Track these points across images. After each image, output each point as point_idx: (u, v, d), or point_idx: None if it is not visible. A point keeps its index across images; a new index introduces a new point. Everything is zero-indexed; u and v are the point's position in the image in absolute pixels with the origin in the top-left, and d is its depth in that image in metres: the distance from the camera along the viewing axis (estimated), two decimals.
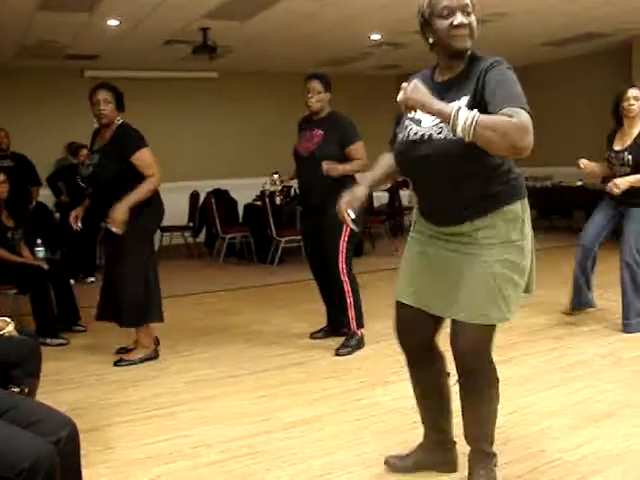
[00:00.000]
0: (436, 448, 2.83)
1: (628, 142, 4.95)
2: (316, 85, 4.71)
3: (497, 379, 2.56)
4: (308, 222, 5.06)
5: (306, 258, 5.18)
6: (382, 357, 4.52)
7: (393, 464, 2.88)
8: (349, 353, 4.69)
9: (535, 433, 3.22)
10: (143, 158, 4.46)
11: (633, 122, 4.95)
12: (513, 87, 2.24)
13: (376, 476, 2.88)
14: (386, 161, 2.78)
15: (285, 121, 12.02)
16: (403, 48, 10.14)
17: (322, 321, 5.11)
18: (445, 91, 2.38)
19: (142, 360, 4.64)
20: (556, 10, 8.35)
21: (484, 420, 2.58)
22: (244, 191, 10.17)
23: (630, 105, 4.89)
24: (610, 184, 4.84)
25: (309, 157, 4.77)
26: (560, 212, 11.62)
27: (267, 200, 8.67)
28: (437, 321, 2.62)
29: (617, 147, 5.02)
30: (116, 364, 4.61)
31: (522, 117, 2.09)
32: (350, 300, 4.71)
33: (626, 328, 4.98)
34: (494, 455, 2.64)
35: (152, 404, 3.85)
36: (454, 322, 2.47)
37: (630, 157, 4.89)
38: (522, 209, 2.45)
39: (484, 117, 2.11)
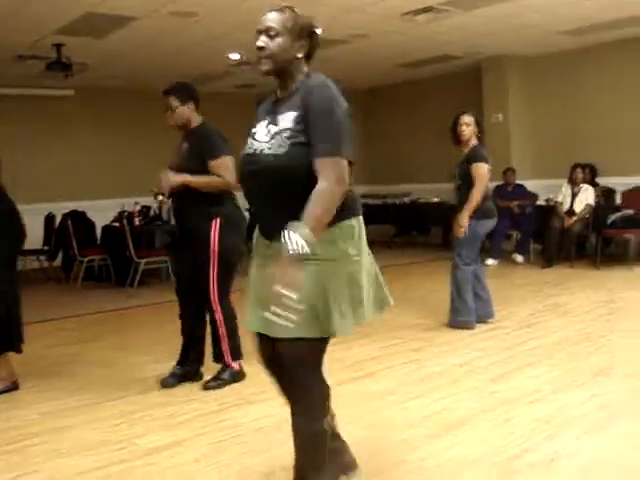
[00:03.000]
0: (337, 453, 2.71)
1: (461, 159, 5.58)
2: (171, 101, 4.30)
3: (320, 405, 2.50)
4: (182, 246, 4.47)
5: (174, 281, 4.71)
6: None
7: None
8: (219, 387, 4.32)
9: (396, 444, 3.27)
10: None
11: (467, 143, 5.55)
12: (333, 129, 2.28)
13: None
14: None
15: (144, 140, 11.86)
16: None
17: (180, 342, 4.96)
18: (278, 107, 2.45)
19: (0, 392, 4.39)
20: (410, 33, 8.68)
21: (300, 447, 2.54)
22: (102, 212, 9.89)
23: (462, 130, 5.50)
24: (456, 232, 5.48)
25: (177, 173, 4.24)
26: (418, 228, 12.00)
27: (125, 221, 8.45)
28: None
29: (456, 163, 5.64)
30: None
31: (326, 184, 2.21)
32: (223, 330, 4.33)
33: (449, 323, 5.62)
34: None
35: (0, 439, 3.61)
36: None
37: (458, 171, 5.56)
38: (355, 225, 2.41)
39: (312, 218, 2.16)
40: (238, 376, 4.43)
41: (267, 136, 2.39)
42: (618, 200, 9.51)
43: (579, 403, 3.74)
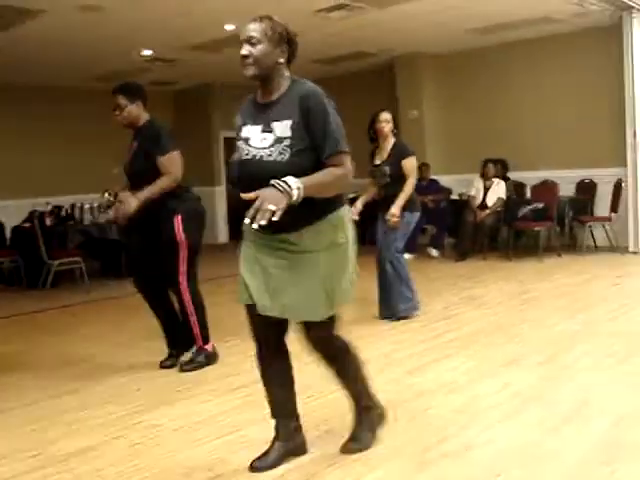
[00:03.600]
0: (292, 435, 3.04)
1: (385, 156, 5.65)
2: (119, 100, 4.40)
3: (347, 346, 3.02)
4: (136, 238, 4.61)
5: (132, 276, 4.77)
6: (159, 377, 4.43)
7: (257, 467, 2.92)
8: (195, 369, 4.51)
9: (315, 439, 3.23)
10: None
11: (387, 140, 5.65)
12: (335, 129, 2.61)
13: None
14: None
15: (56, 139, 11.54)
16: (177, 65, 10.06)
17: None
18: (265, 111, 2.71)
19: None
20: (324, 30, 8.70)
21: (353, 380, 3.05)
22: (12, 213, 9.58)
23: (382, 127, 5.60)
24: (389, 219, 5.47)
25: (129, 172, 4.46)
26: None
27: (37, 222, 8.20)
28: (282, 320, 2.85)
29: (377, 161, 5.71)
30: None
31: (342, 170, 2.60)
32: (194, 318, 4.50)
33: (401, 313, 5.65)
34: (374, 407, 3.12)
35: None
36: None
37: (388, 169, 5.59)
38: (344, 214, 2.78)
39: (310, 181, 2.50)
40: (212, 358, 4.62)
41: (265, 143, 2.65)
42: (528, 194, 9.81)
43: (493, 392, 3.83)
